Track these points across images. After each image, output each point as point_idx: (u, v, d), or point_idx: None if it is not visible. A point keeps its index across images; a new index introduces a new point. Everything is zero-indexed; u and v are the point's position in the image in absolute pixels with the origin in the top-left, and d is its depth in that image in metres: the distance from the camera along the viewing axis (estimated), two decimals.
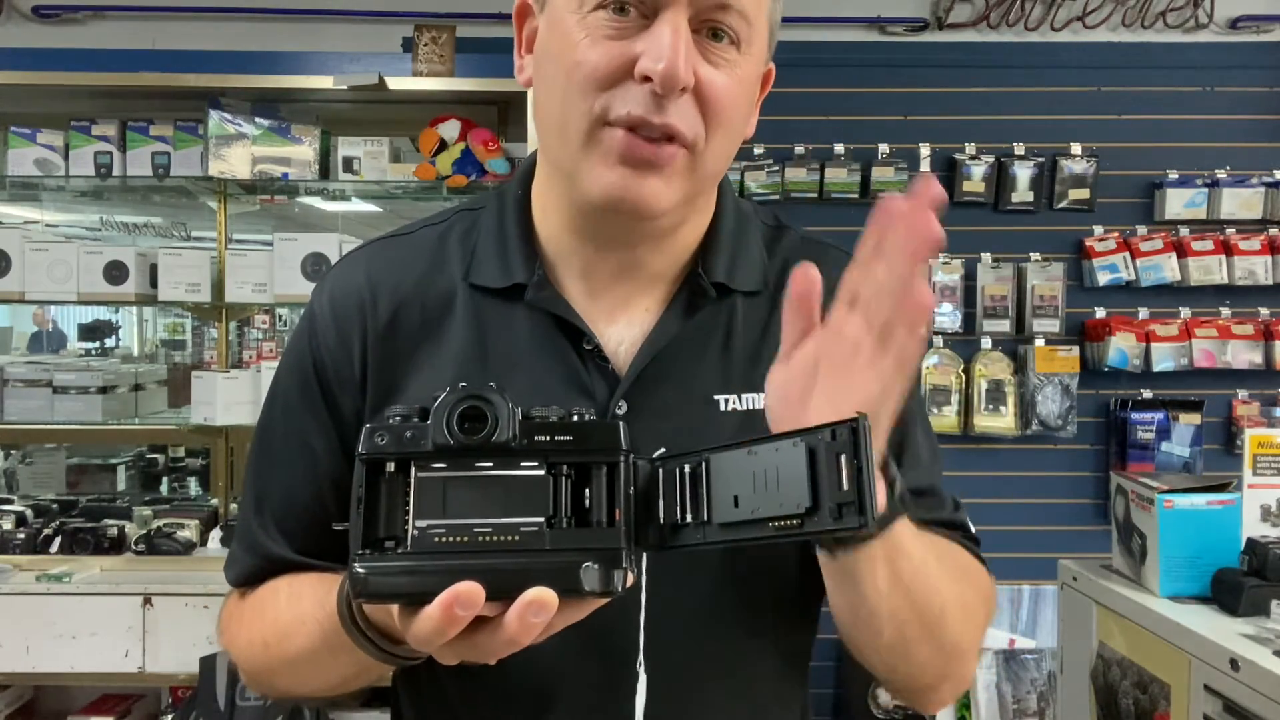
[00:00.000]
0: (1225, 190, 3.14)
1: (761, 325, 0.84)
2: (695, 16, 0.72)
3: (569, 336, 0.81)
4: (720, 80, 0.73)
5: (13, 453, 3.32)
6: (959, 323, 3.15)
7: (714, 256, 0.83)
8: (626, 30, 0.72)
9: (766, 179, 3.10)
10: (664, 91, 0.70)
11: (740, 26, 0.73)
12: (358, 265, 0.86)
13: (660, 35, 0.70)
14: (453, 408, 0.59)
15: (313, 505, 0.84)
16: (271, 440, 0.87)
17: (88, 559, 2.66)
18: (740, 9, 0.73)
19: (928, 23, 3.24)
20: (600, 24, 0.72)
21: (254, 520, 0.86)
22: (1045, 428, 3.12)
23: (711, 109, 0.73)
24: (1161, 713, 1.65)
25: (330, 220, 3.36)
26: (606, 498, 0.60)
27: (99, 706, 2.72)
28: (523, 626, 0.55)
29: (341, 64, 2.76)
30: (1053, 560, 2.13)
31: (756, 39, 0.75)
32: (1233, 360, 3.10)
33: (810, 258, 0.87)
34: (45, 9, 3.18)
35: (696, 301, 0.82)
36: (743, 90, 0.76)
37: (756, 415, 0.81)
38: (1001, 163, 3.15)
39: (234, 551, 0.89)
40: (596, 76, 0.72)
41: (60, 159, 2.78)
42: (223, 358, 2.92)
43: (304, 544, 0.85)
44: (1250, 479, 1.79)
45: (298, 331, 0.88)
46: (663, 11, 0.71)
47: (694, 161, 0.75)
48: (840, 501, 0.56)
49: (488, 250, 0.84)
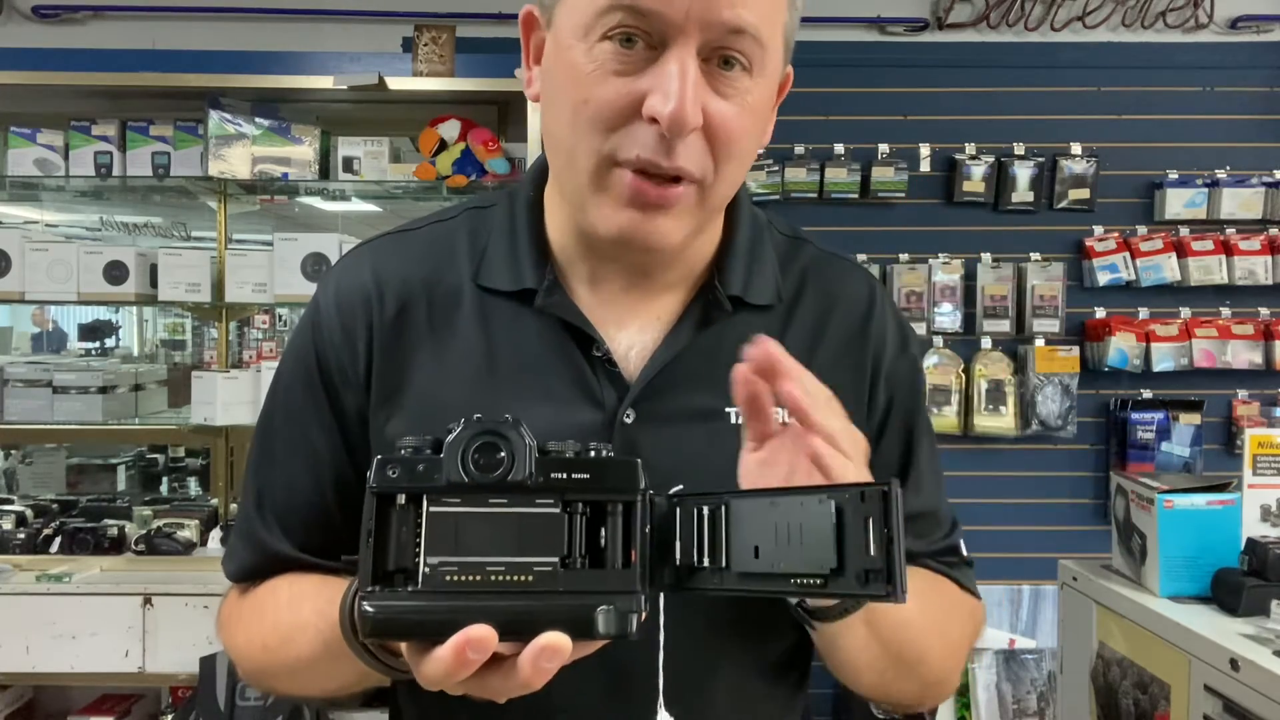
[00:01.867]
0: (1225, 190, 3.14)
1: (775, 340, 0.84)
2: (706, 45, 0.68)
3: (579, 342, 0.80)
4: (731, 114, 0.70)
5: (13, 453, 3.32)
6: (959, 323, 3.15)
7: (730, 269, 0.82)
8: (634, 64, 0.69)
9: (766, 179, 3.10)
10: (672, 135, 0.68)
11: (754, 51, 0.70)
12: (363, 261, 0.85)
13: (668, 74, 0.67)
14: (468, 443, 0.57)
15: (314, 502, 0.83)
16: (273, 436, 0.86)
17: (88, 559, 2.66)
18: (755, 33, 0.69)
19: (928, 23, 3.24)
20: (606, 57, 0.69)
21: (254, 515, 0.85)
22: (1045, 428, 3.12)
23: (721, 144, 0.71)
24: (1161, 713, 1.65)
25: (330, 220, 3.36)
26: (623, 538, 0.58)
27: (99, 706, 2.72)
28: (535, 671, 0.54)
29: (341, 64, 2.76)
30: (1053, 560, 2.13)
31: (771, 59, 0.72)
32: (1233, 360, 3.10)
33: (830, 274, 0.88)
34: (45, 9, 3.18)
35: (711, 314, 0.81)
36: (755, 118, 0.73)
37: None
38: (1001, 163, 3.15)
39: (233, 546, 0.88)
40: (604, 116, 0.69)
41: (60, 159, 2.78)
42: (223, 358, 2.92)
43: (305, 541, 0.84)
44: (1250, 479, 1.79)
45: (301, 327, 0.86)
46: (671, 44, 0.68)
47: (703, 195, 0.73)
48: (867, 568, 0.54)
49: (498, 252, 0.82)
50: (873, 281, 0.90)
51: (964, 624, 0.87)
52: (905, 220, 3.17)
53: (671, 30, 0.67)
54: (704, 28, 0.67)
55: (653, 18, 0.67)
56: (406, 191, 2.91)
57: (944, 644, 0.81)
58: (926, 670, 0.80)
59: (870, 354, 0.86)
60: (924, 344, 3.13)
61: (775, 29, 0.72)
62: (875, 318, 0.87)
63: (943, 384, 3.12)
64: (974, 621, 0.90)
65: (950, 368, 3.13)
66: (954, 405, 3.12)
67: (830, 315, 0.85)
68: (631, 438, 0.78)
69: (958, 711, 3.08)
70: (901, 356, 0.88)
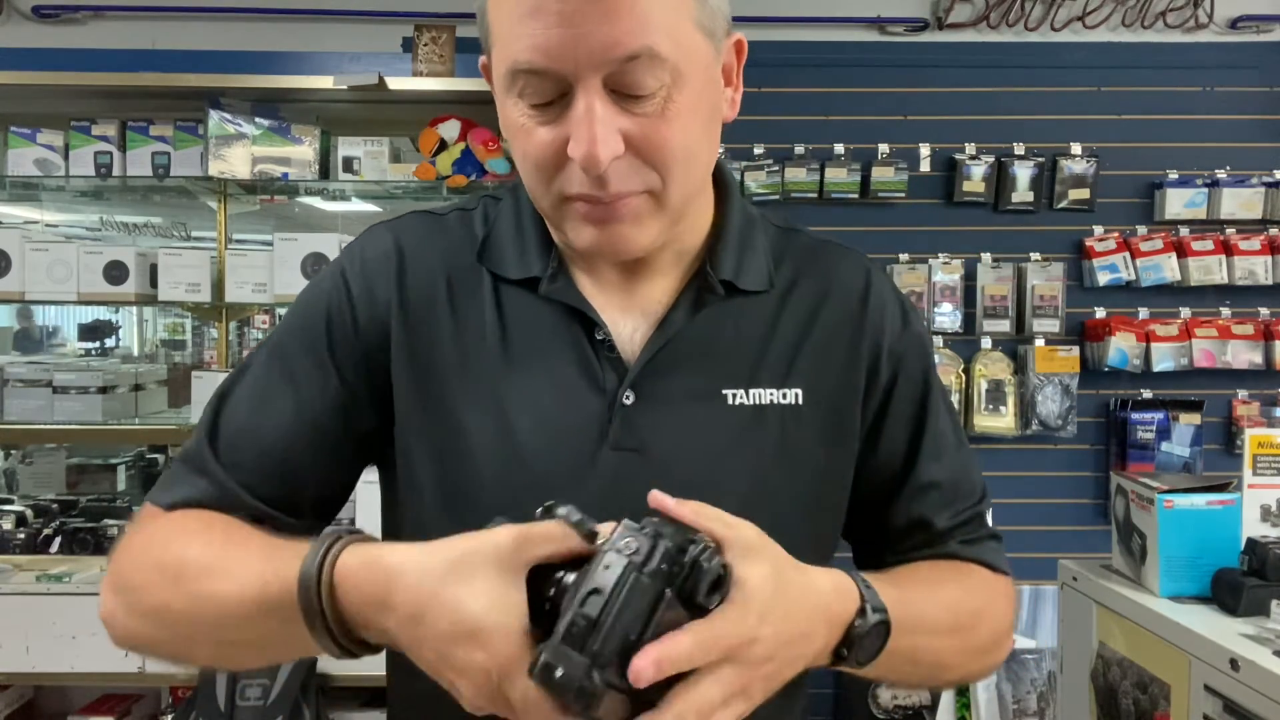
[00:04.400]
0: (1225, 190, 3.14)
1: (768, 324, 0.85)
2: (610, 78, 0.71)
3: (583, 327, 0.82)
4: (654, 129, 0.73)
5: (13, 453, 3.32)
6: (959, 323, 3.14)
7: (721, 255, 0.84)
8: (551, 114, 0.73)
9: (766, 179, 3.10)
10: (592, 172, 0.72)
11: (656, 68, 0.71)
12: (388, 233, 0.88)
13: (576, 119, 0.71)
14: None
15: (281, 444, 0.81)
16: (247, 374, 0.85)
17: (88, 559, 2.66)
18: (651, 52, 0.70)
19: (928, 23, 3.24)
20: (527, 112, 0.74)
21: (205, 447, 0.82)
22: (1045, 428, 3.12)
23: (654, 159, 0.74)
24: (1161, 713, 1.65)
25: (330, 220, 3.35)
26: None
27: (99, 706, 2.72)
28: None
29: (341, 64, 2.77)
30: (1053, 560, 2.12)
31: (684, 58, 0.72)
32: (1233, 360, 3.10)
33: (824, 260, 0.90)
34: (45, 9, 3.18)
35: (704, 297, 0.83)
36: (685, 120, 0.74)
37: (766, 410, 0.82)
38: (1001, 163, 3.15)
39: (171, 474, 0.83)
40: (541, 165, 0.74)
41: (60, 159, 2.78)
42: (223, 358, 2.92)
43: (261, 487, 0.80)
44: (1250, 479, 1.79)
45: (317, 283, 0.87)
46: (576, 89, 0.71)
47: (659, 201, 0.76)
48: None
49: (505, 241, 0.86)
50: (868, 265, 0.91)
51: (989, 618, 0.87)
52: (905, 220, 3.17)
53: (570, 77, 0.71)
54: (598, 67, 0.70)
55: (549, 75, 0.71)
56: (406, 191, 2.92)
57: (961, 651, 0.83)
58: (945, 678, 0.83)
59: (869, 337, 0.87)
60: None
61: (679, 31, 0.72)
62: (872, 300, 0.88)
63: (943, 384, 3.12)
64: (1007, 601, 0.91)
65: (950, 368, 3.13)
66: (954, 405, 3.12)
67: (825, 301, 0.87)
68: (631, 418, 0.80)
69: (957, 711, 3.08)
70: (904, 334, 0.89)
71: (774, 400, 0.82)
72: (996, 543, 0.92)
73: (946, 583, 0.85)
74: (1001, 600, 0.90)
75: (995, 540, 0.92)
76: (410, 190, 2.89)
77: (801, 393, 0.83)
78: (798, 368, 0.84)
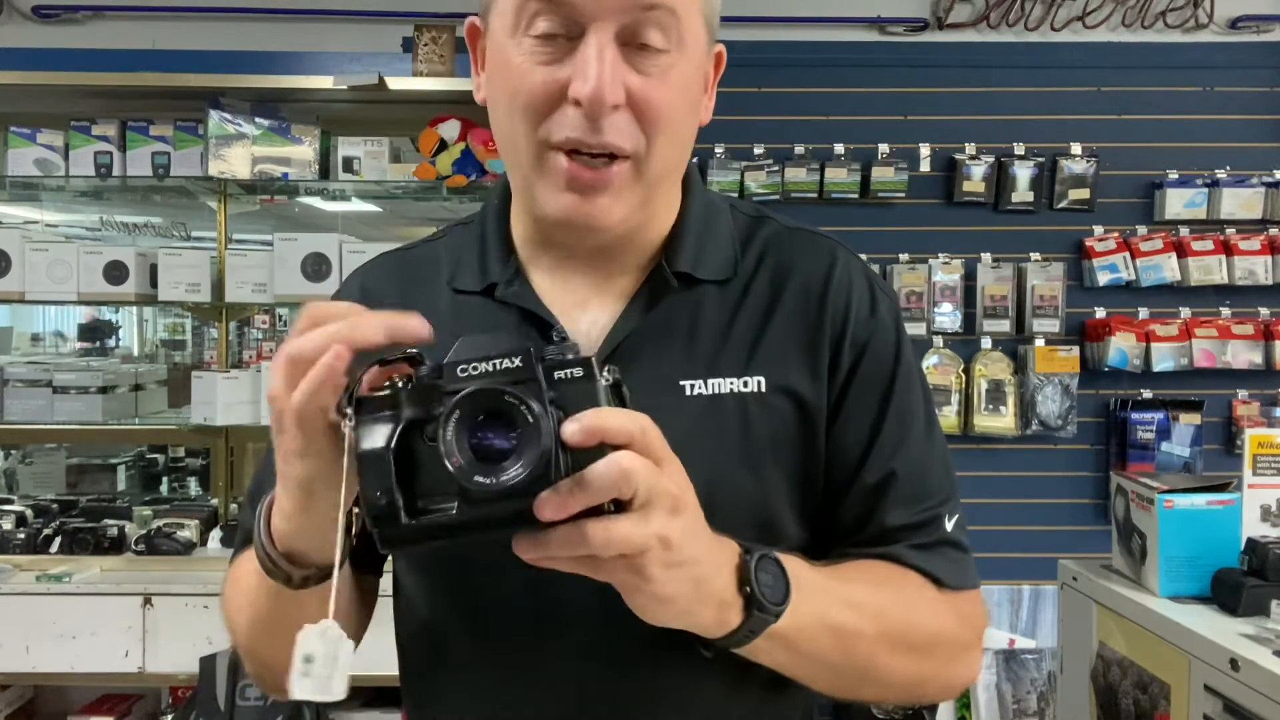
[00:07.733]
0: (1225, 190, 3.14)
1: (730, 312, 0.85)
2: (624, 29, 0.73)
3: (539, 328, 0.84)
4: (655, 89, 0.75)
5: (13, 453, 3.32)
6: (959, 323, 3.14)
7: (678, 248, 0.85)
8: (557, 54, 0.74)
9: (766, 179, 3.10)
10: (593, 114, 0.73)
11: (669, 22, 0.74)
12: (356, 277, 0.94)
13: (586, 58, 0.72)
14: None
15: None
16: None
17: (88, 559, 2.66)
18: (670, 9, 0.74)
19: (927, 23, 3.24)
20: (532, 49, 0.74)
21: (247, 506, 0.89)
22: (1045, 428, 3.12)
23: (649, 119, 0.75)
24: (1161, 713, 1.65)
25: (330, 220, 3.36)
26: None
27: (99, 706, 2.72)
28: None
29: (341, 64, 2.77)
30: (1053, 560, 2.13)
31: (690, 32, 0.76)
32: (1233, 360, 3.10)
33: (790, 246, 0.89)
34: (45, 9, 3.18)
35: (659, 291, 0.84)
36: (681, 92, 0.77)
37: (721, 399, 0.82)
38: (1001, 163, 3.15)
39: (236, 538, 0.92)
40: (535, 104, 0.75)
41: (60, 159, 2.78)
42: (223, 358, 2.92)
43: None
44: (1250, 479, 1.79)
45: None
46: (588, 31, 0.73)
47: (639, 171, 0.77)
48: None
49: (470, 257, 0.89)
50: (835, 250, 0.89)
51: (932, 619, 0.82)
52: (905, 220, 3.17)
53: (586, 17, 0.72)
54: (618, 12, 0.72)
55: (568, 7, 0.72)
56: (406, 191, 2.92)
57: (890, 645, 0.78)
58: (889, 675, 0.78)
59: (829, 321, 0.84)
60: (924, 344, 3.13)
61: (690, 8, 0.76)
62: (834, 285, 0.86)
63: (943, 384, 3.12)
64: (954, 616, 0.83)
65: (950, 368, 3.13)
66: (954, 405, 3.12)
67: (785, 286, 0.86)
68: None
69: (958, 712, 3.08)
70: (870, 320, 0.86)
71: (734, 389, 0.82)
72: (957, 551, 0.85)
73: (867, 581, 0.80)
74: (945, 616, 0.83)
75: (954, 549, 0.85)
76: (410, 190, 2.89)
77: (764, 380, 0.82)
78: (759, 355, 0.83)
